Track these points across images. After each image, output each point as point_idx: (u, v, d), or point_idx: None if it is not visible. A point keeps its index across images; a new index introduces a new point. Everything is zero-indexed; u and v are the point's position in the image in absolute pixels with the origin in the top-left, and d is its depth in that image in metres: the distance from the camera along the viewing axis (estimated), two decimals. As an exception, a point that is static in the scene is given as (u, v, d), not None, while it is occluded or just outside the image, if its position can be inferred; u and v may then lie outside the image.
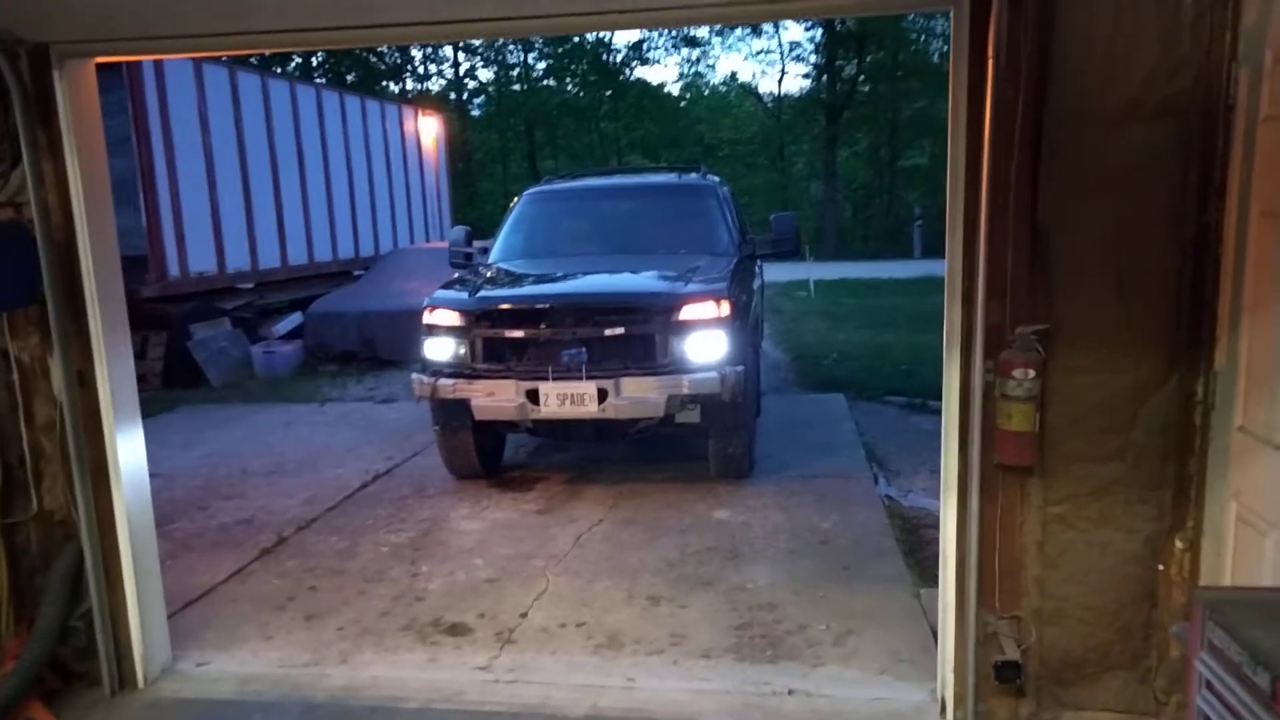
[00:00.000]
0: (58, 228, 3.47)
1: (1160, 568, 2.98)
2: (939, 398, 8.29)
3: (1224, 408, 2.74)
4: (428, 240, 16.60)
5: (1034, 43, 2.75)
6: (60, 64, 3.38)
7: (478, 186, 34.42)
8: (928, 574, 4.55)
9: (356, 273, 14.01)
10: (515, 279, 6.56)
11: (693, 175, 7.96)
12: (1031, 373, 2.86)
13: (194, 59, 10.67)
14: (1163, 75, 2.71)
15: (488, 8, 2.94)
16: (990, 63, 2.77)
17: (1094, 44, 2.74)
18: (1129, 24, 2.71)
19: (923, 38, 32.95)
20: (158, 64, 10.15)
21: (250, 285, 12.06)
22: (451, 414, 6.00)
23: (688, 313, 5.57)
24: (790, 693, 3.50)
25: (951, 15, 2.89)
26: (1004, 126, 2.81)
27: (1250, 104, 2.55)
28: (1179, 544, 2.94)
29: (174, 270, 10.59)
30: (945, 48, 31.52)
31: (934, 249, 27.14)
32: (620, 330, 5.59)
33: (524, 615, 4.30)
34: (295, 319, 12.30)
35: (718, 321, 5.57)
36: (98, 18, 3.30)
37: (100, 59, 3.65)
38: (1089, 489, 2.98)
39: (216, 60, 11.20)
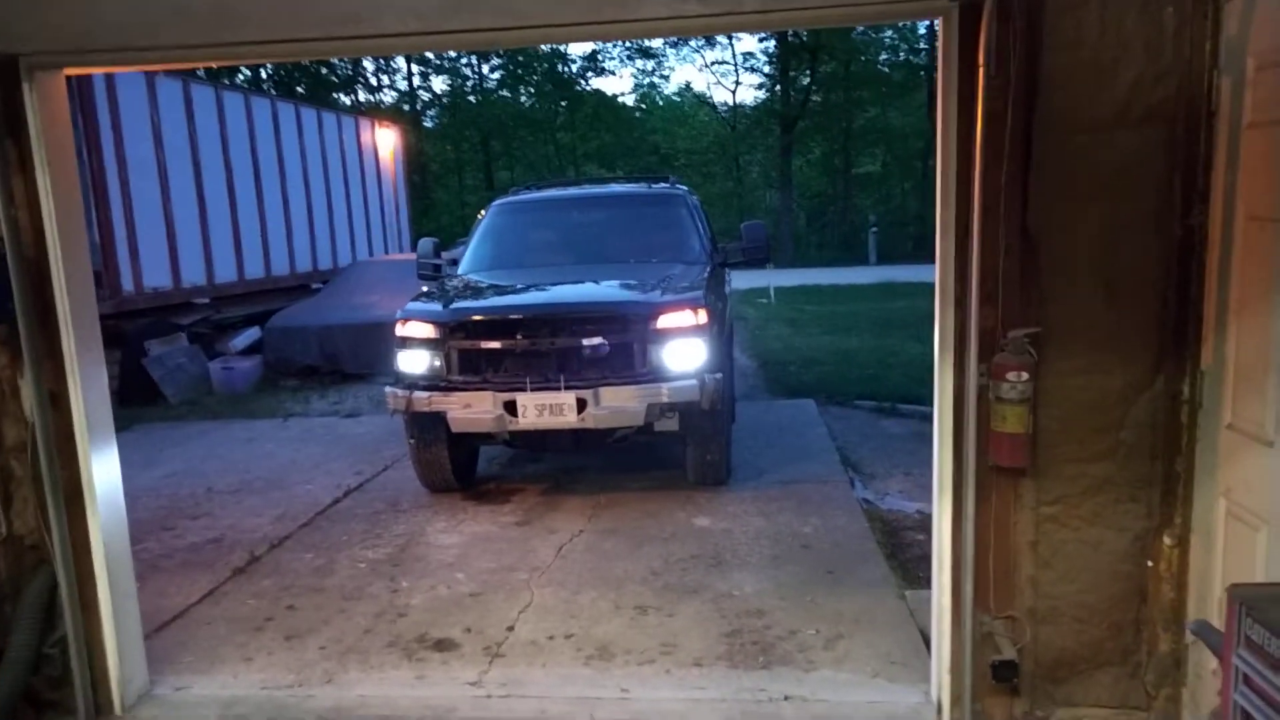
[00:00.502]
0: (28, 245, 3.36)
1: (1149, 564, 3.04)
2: (907, 401, 8.42)
3: (1211, 406, 2.81)
4: (387, 253, 16.41)
5: (1022, 52, 2.81)
6: (30, 76, 3.28)
7: (434, 198, 34.15)
8: (911, 576, 4.60)
9: (315, 286, 13.80)
10: (488, 290, 6.51)
11: (662, 184, 7.98)
12: (1025, 375, 2.91)
13: (146, 71, 10.45)
14: (1147, 83, 2.79)
15: (482, 18, 2.92)
16: (980, 71, 2.82)
17: (1081, 53, 2.80)
18: (1114, 34, 2.78)
19: (873, 49, 33.57)
20: (109, 75, 9.91)
21: (206, 300, 11.82)
22: (426, 427, 5.93)
23: (665, 321, 5.57)
24: (786, 698, 3.50)
25: (940, 25, 2.94)
26: (994, 133, 2.85)
27: (1233, 111, 2.63)
28: (1168, 541, 3.00)
29: (128, 286, 10.35)
30: (893, 58, 32.20)
31: (889, 255, 27.62)
32: (598, 339, 5.57)
33: (511, 629, 4.25)
34: (253, 334, 12.06)
35: (695, 329, 5.58)
36: (70, 29, 3.20)
37: (72, 71, 3.57)
38: (1080, 489, 3.04)
39: (169, 72, 10.98)
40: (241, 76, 27.53)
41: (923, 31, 31.77)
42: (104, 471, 3.56)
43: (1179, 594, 3.01)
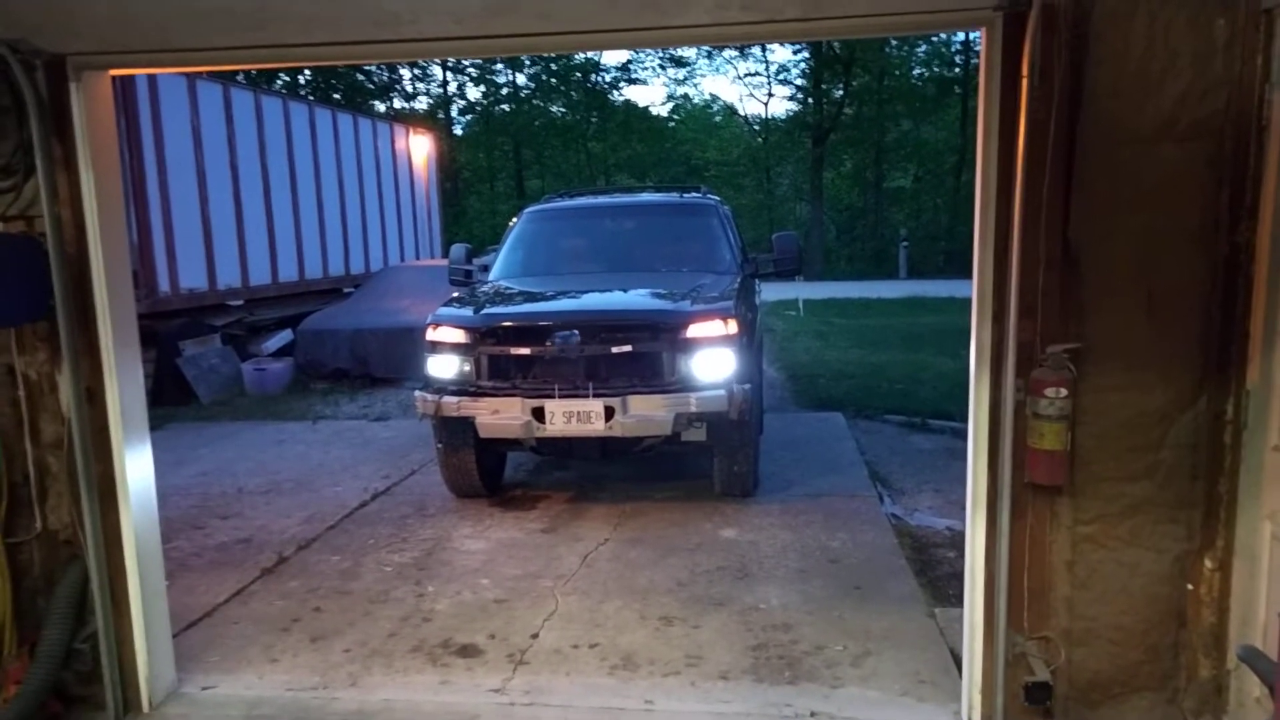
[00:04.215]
0: (70, 242, 3.41)
1: (1190, 588, 2.97)
2: (937, 416, 8.32)
3: (1257, 427, 2.74)
4: (419, 258, 16.54)
5: (1067, 63, 2.77)
6: (77, 75, 3.33)
7: (465, 205, 34.37)
8: (940, 593, 4.53)
9: (347, 290, 13.93)
10: (519, 297, 6.52)
11: (694, 194, 7.97)
12: (1064, 391, 2.86)
13: (187, 74, 10.62)
14: (1195, 96, 2.73)
15: (522, 23, 2.92)
16: (1024, 82, 2.78)
17: (1127, 65, 2.75)
18: (1162, 46, 2.73)
19: (906, 63, 33.42)
20: (151, 78, 10.08)
21: (240, 302, 11.96)
22: (454, 432, 5.95)
23: (695, 330, 5.55)
24: (813, 715, 3.45)
25: (983, 35, 2.91)
26: (1036, 145, 2.82)
27: (1285, 125, 2.57)
28: (1209, 564, 2.93)
29: (164, 286, 10.49)
30: (926, 73, 32.04)
31: (920, 270, 27.43)
32: (627, 348, 5.56)
33: (535, 636, 4.24)
34: (285, 336, 12.19)
35: (725, 339, 5.55)
36: (116, 29, 3.25)
37: (117, 71, 3.62)
38: (1119, 508, 2.98)
39: (210, 76, 11.16)
40: (280, 83, 27.87)
41: (957, 47, 31.61)
42: (137, 469, 3.59)
43: (1220, 619, 2.94)
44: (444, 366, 5.81)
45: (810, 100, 33.47)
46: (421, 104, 35.62)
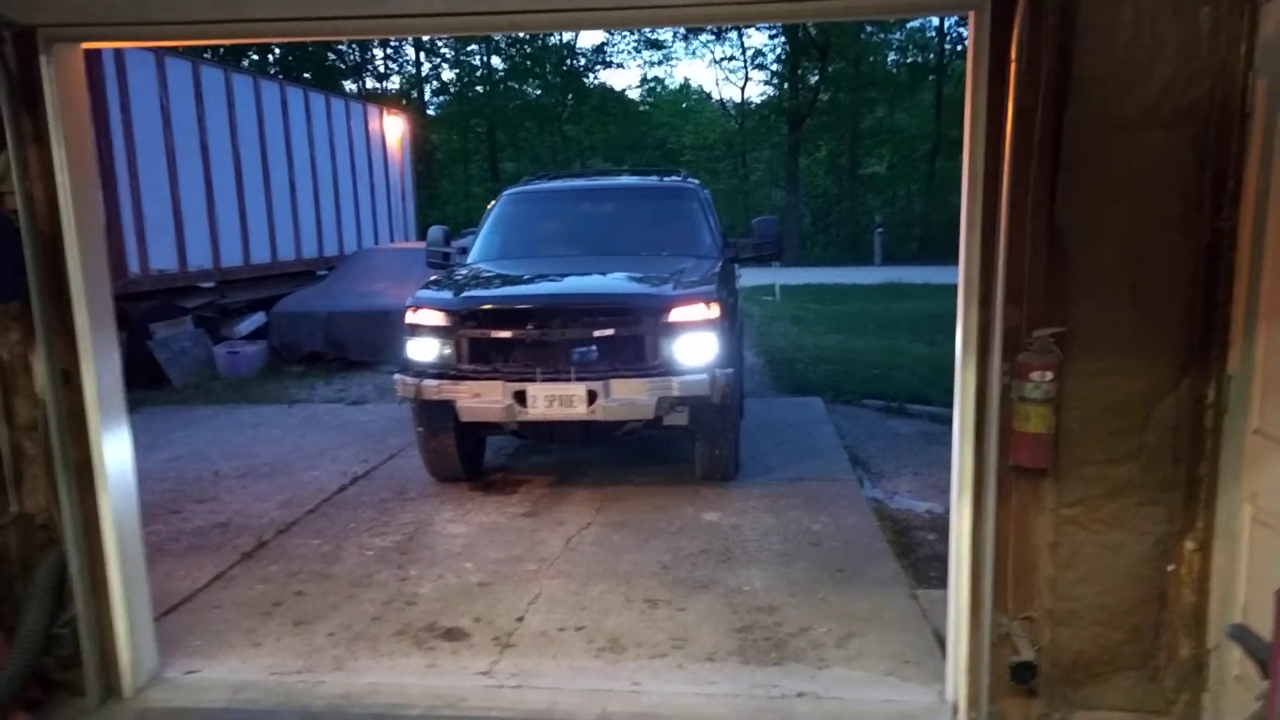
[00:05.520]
0: (43, 219, 3.34)
1: (1171, 568, 3.02)
2: (915, 401, 8.38)
3: (1238, 411, 2.78)
4: (392, 240, 16.38)
5: (1055, 49, 2.78)
6: (48, 48, 3.25)
7: (439, 187, 34.04)
8: (922, 575, 4.58)
9: (320, 273, 13.77)
10: (499, 280, 6.48)
11: (673, 178, 7.94)
12: (1050, 375, 2.88)
13: (155, 51, 10.42)
14: (1180, 83, 2.75)
15: (508, 0, 2.88)
16: (1012, 67, 2.78)
17: (1114, 52, 2.77)
18: (1148, 33, 2.75)
19: (882, 49, 33.50)
20: (118, 54, 9.87)
21: (211, 284, 11.78)
22: (435, 415, 5.91)
23: (678, 314, 5.54)
24: (800, 695, 3.48)
25: (971, 20, 2.91)
26: (1023, 130, 2.82)
27: (1269, 113, 2.60)
28: (1189, 545, 2.98)
29: (134, 268, 10.30)
30: (902, 59, 32.16)
31: (894, 256, 27.60)
32: (610, 331, 5.55)
33: (520, 619, 4.23)
34: (258, 319, 12.04)
35: (707, 323, 5.56)
36: (89, 1, 3.17)
37: (90, 44, 3.53)
38: (1102, 491, 3.01)
39: (180, 53, 10.95)
40: (248, 61, 27.41)
41: (932, 34, 31.74)
42: (115, 451, 3.53)
43: (1200, 599, 2.99)
44: (424, 349, 5.77)
45: (786, 85, 33.45)
46: (394, 84, 35.19)
